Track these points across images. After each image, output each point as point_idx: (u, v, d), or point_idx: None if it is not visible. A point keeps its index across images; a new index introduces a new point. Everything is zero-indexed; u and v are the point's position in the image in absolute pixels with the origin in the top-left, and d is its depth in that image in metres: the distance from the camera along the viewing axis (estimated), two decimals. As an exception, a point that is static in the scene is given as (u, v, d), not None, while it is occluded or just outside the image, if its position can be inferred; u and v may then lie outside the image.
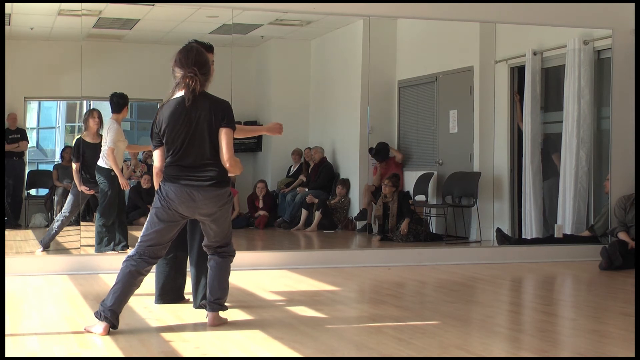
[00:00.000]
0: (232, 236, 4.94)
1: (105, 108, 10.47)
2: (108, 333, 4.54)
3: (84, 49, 8.20)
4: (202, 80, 4.68)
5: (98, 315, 4.60)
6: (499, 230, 8.75)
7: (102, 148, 7.93)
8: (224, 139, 4.64)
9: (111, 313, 4.58)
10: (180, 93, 4.70)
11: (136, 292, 6.16)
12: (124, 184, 7.92)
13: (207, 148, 4.63)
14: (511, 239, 8.80)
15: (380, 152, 9.90)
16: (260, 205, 10.42)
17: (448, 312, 5.39)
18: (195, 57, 4.71)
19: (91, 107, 8.92)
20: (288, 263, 7.58)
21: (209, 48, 5.28)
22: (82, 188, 8.03)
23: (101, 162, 7.89)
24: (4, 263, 6.56)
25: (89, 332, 4.59)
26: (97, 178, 7.93)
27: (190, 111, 4.63)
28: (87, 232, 8.78)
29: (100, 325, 4.56)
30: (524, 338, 4.76)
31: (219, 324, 4.86)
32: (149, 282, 6.64)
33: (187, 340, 4.47)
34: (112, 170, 7.82)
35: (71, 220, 8.13)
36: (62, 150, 9.82)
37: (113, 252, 7.76)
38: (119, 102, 8.05)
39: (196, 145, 4.62)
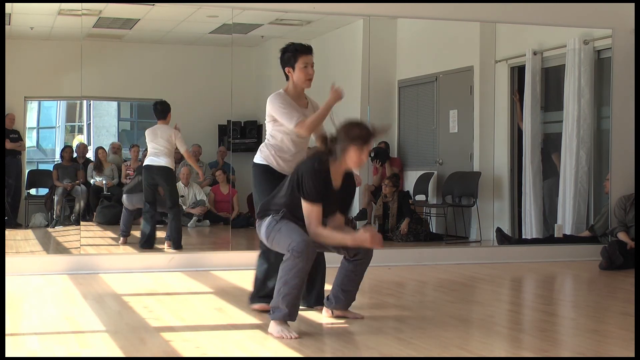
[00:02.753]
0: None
1: (104, 108, 10.49)
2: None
3: (84, 48, 8.19)
4: None
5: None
6: (499, 230, 8.75)
7: (160, 148, 8.17)
8: None
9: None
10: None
11: (135, 291, 6.18)
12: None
13: None
14: (511, 239, 8.80)
15: (379, 155, 9.88)
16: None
17: (448, 312, 5.39)
18: None
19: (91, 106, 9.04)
20: (288, 263, 7.56)
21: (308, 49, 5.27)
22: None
23: (162, 162, 8.17)
24: (4, 263, 6.56)
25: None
26: (160, 176, 8.17)
27: None
28: (87, 232, 8.79)
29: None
30: (525, 338, 4.76)
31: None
32: (144, 281, 6.65)
33: (187, 340, 4.46)
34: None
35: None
36: (62, 150, 9.81)
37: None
38: (163, 109, 8.34)
39: None
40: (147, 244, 8.18)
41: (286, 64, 5.19)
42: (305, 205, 4.61)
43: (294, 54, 5.15)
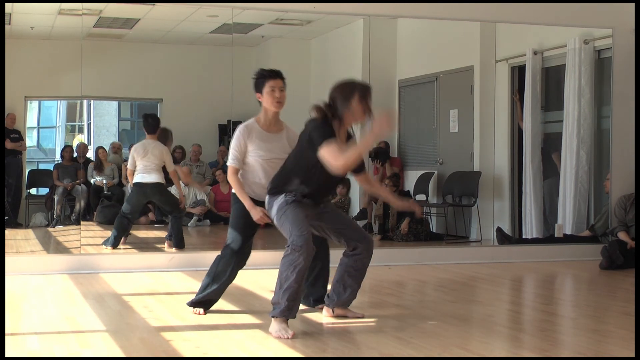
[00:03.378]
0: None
1: (104, 107, 10.49)
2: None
3: (84, 48, 8.20)
4: None
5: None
6: (499, 230, 8.75)
7: (151, 166, 8.15)
8: None
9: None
10: None
11: (136, 291, 6.18)
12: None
13: None
14: (511, 238, 8.79)
15: (379, 155, 9.89)
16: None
17: (448, 312, 5.39)
18: None
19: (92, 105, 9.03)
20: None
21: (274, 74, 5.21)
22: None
23: (154, 178, 8.15)
24: (4, 263, 6.56)
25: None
26: (153, 193, 8.18)
27: None
28: (87, 232, 8.79)
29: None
30: (525, 337, 4.76)
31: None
32: (144, 281, 6.65)
33: (187, 340, 4.46)
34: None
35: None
36: (63, 150, 9.82)
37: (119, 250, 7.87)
38: (155, 124, 8.29)
39: None
40: (115, 242, 8.08)
41: (256, 91, 5.19)
42: (323, 151, 4.59)
43: (262, 79, 5.16)
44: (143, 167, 8.12)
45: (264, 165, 5.12)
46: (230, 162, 5.15)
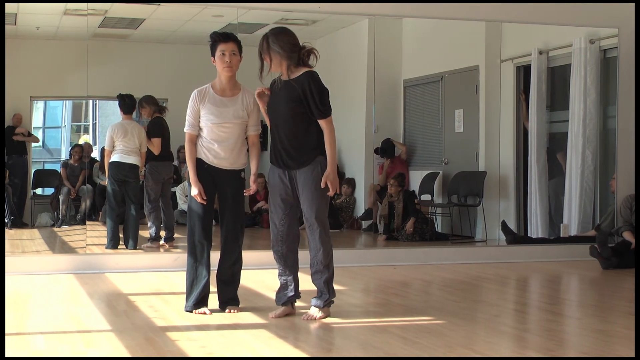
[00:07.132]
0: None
1: (109, 107, 10.51)
2: None
3: (89, 48, 8.21)
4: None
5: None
6: (504, 223, 8.74)
7: (131, 147, 8.14)
8: None
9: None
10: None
11: (141, 290, 6.19)
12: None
13: None
14: (516, 235, 8.78)
15: (386, 150, 9.90)
16: (262, 197, 10.39)
17: (454, 311, 5.38)
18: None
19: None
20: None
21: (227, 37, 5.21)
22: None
23: (133, 160, 8.14)
24: (4, 263, 6.57)
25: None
26: (131, 174, 8.17)
27: None
28: (93, 232, 8.80)
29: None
30: (530, 337, 4.76)
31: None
32: (150, 281, 6.66)
33: (193, 339, 4.47)
34: None
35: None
36: (72, 149, 9.80)
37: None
38: (132, 104, 8.32)
39: None
40: (112, 243, 8.08)
41: (211, 55, 5.24)
42: (327, 124, 4.90)
43: (213, 43, 5.19)
44: (123, 147, 8.12)
45: (215, 130, 5.12)
46: (185, 129, 5.17)
